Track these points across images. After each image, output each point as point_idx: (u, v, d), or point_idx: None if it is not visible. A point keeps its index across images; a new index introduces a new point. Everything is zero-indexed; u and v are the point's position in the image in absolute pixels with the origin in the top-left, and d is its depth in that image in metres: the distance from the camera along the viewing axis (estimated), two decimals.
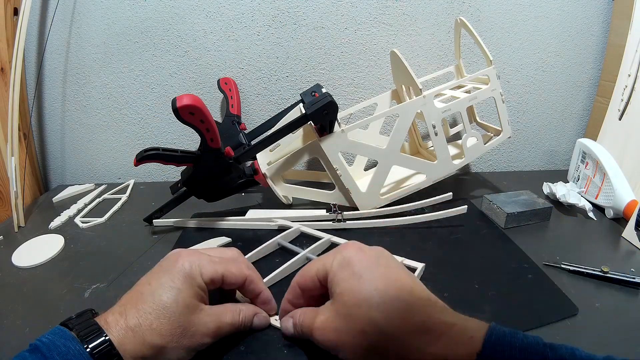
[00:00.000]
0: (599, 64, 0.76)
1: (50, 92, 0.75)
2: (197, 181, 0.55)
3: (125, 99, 0.75)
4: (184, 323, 0.30)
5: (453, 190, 0.58)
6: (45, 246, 0.54)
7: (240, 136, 0.64)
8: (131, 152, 0.79)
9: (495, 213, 0.58)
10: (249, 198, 0.69)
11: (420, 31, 0.72)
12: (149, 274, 0.33)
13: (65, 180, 0.81)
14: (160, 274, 0.31)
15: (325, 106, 0.51)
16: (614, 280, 0.44)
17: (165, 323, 0.29)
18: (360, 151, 0.60)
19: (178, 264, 0.32)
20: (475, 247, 0.52)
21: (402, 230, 0.56)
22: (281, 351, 0.36)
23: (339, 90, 0.75)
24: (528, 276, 0.46)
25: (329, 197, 0.60)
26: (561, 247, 0.52)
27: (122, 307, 0.30)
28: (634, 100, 0.62)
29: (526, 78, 0.77)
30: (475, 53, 0.73)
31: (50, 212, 0.66)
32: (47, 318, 0.41)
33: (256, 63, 0.72)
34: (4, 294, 0.46)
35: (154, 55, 0.72)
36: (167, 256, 0.34)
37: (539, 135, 0.82)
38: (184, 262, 0.32)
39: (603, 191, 0.61)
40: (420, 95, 0.55)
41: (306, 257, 0.48)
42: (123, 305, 0.30)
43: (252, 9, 0.69)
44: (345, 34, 0.71)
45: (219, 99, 0.75)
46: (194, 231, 0.58)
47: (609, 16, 0.73)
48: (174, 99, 0.44)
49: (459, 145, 0.68)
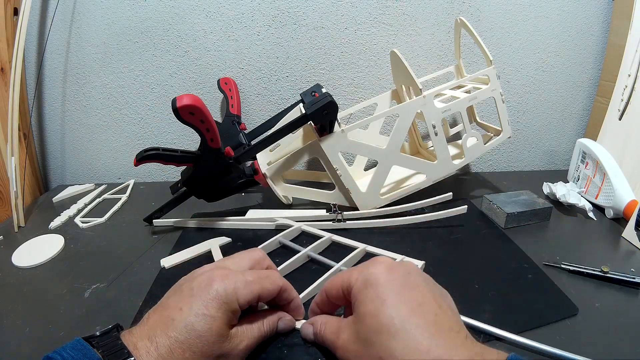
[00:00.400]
0: (599, 64, 0.76)
1: (50, 92, 0.75)
2: (197, 181, 0.54)
3: (125, 99, 0.75)
4: (217, 351, 0.29)
5: (453, 190, 0.58)
6: (45, 246, 0.54)
7: (240, 136, 0.64)
8: (131, 152, 0.79)
9: (495, 213, 0.58)
10: (249, 198, 0.69)
11: (420, 31, 0.72)
12: (179, 296, 0.31)
13: (65, 180, 0.81)
14: (193, 300, 0.30)
15: (325, 106, 0.51)
16: (614, 280, 0.44)
17: (198, 353, 0.28)
18: (360, 151, 0.60)
19: (212, 290, 0.30)
20: (476, 247, 0.52)
21: (402, 230, 0.56)
22: (281, 351, 0.36)
23: (339, 90, 0.75)
24: (528, 276, 0.46)
25: (329, 197, 0.60)
26: (561, 247, 0.52)
27: (151, 331, 0.28)
28: (634, 100, 0.62)
29: (526, 78, 0.77)
30: (475, 53, 0.73)
31: (50, 212, 0.66)
32: (47, 318, 0.41)
33: (256, 63, 0.72)
34: (4, 294, 0.46)
35: (154, 55, 0.72)
36: (197, 276, 0.32)
37: (539, 135, 0.82)
38: (218, 288, 0.30)
39: (603, 191, 0.61)
40: (420, 95, 0.55)
41: (307, 255, 0.48)
42: (152, 329, 0.28)
43: (252, 9, 0.69)
44: (345, 34, 0.71)
45: (219, 99, 0.75)
46: (194, 231, 0.58)
47: (609, 16, 0.73)
48: (174, 99, 0.44)
49: (459, 145, 0.68)
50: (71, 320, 0.41)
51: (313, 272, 0.46)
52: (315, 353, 0.35)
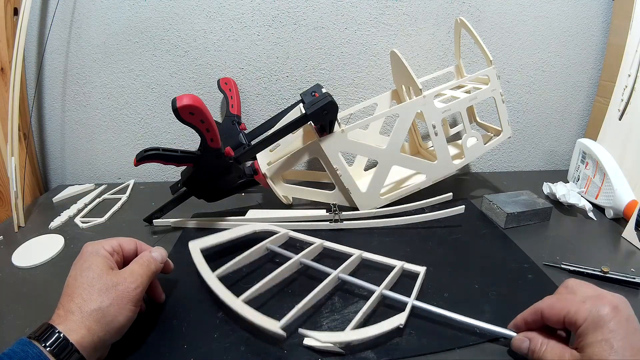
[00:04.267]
0: (599, 64, 0.77)
1: (50, 92, 0.75)
2: (197, 181, 0.54)
3: (125, 99, 0.75)
4: (107, 282, 0.34)
5: (453, 191, 0.58)
6: (45, 246, 0.55)
7: (240, 136, 0.64)
8: (131, 152, 0.79)
9: (495, 213, 0.58)
10: (249, 198, 0.69)
11: (420, 31, 0.72)
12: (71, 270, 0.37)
13: (65, 180, 0.81)
14: (76, 264, 0.37)
15: (325, 106, 0.51)
16: (614, 280, 0.44)
17: (94, 291, 0.33)
18: (360, 151, 0.60)
19: (84, 252, 0.38)
20: (475, 247, 0.52)
21: (401, 230, 0.56)
22: (281, 351, 0.36)
23: (339, 90, 0.75)
24: (528, 276, 0.46)
25: (329, 197, 0.60)
26: (561, 247, 0.52)
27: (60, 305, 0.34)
28: (634, 100, 0.62)
29: (526, 78, 0.77)
30: (475, 53, 0.73)
31: (50, 212, 0.66)
32: (47, 318, 0.41)
33: (256, 63, 0.72)
34: (4, 294, 0.46)
35: (154, 55, 0.72)
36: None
37: (539, 135, 0.82)
38: (86, 248, 0.38)
39: (603, 191, 0.61)
40: (420, 95, 0.55)
41: (299, 262, 0.46)
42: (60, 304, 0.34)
43: (252, 9, 0.69)
44: (345, 34, 0.71)
45: (219, 99, 0.75)
46: (193, 231, 0.58)
47: (609, 16, 0.73)
48: (174, 99, 0.44)
49: (459, 145, 0.68)
50: None
51: (311, 282, 0.44)
52: (315, 353, 0.35)
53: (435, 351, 0.36)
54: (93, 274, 0.35)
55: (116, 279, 0.35)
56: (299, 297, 0.38)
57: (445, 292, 0.43)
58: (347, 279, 0.43)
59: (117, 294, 0.34)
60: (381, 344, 0.36)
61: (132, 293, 0.35)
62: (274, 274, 0.42)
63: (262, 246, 0.48)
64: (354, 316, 0.37)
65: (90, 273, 0.35)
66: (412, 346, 0.36)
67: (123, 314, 0.34)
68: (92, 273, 0.35)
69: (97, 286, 0.34)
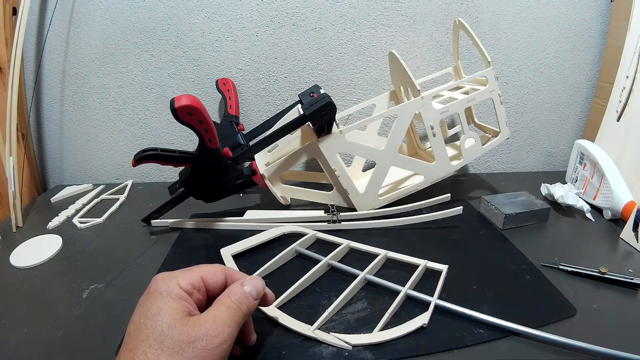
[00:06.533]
0: (597, 66, 0.77)
1: (48, 92, 0.74)
2: (195, 182, 0.54)
3: (123, 99, 0.75)
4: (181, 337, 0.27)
5: (451, 191, 0.58)
6: (44, 246, 0.54)
7: (239, 137, 0.64)
8: (129, 152, 0.79)
9: (493, 214, 0.58)
10: (247, 199, 0.69)
11: (419, 32, 0.72)
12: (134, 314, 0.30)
13: (63, 180, 0.81)
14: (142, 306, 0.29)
15: (323, 107, 0.51)
16: (612, 281, 0.44)
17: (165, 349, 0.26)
18: (358, 152, 0.60)
19: (151, 290, 0.30)
20: (474, 248, 0.52)
21: (399, 231, 0.56)
22: (279, 352, 0.36)
23: (337, 91, 0.75)
24: (526, 277, 0.46)
25: (327, 198, 0.60)
26: (559, 248, 0.53)
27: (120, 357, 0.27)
28: (632, 102, 0.62)
29: (524, 79, 0.77)
30: (473, 54, 0.73)
31: (49, 212, 0.66)
32: (46, 318, 0.41)
33: (254, 64, 0.72)
34: (2, 294, 0.45)
35: (153, 55, 0.72)
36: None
37: (537, 136, 0.82)
38: (156, 283, 0.30)
39: (601, 192, 0.61)
40: (419, 96, 0.55)
41: (328, 264, 0.47)
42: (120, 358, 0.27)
43: (251, 10, 0.69)
44: (344, 35, 0.71)
45: (217, 99, 0.75)
46: (192, 232, 0.58)
47: (607, 18, 0.73)
48: (172, 99, 0.44)
49: (457, 146, 0.68)
50: (69, 321, 0.40)
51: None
52: (315, 354, 0.35)
53: (434, 351, 0.36)
54: (163, 325, 0.27)
55: (194, 332, 0.27)
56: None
57: (444, 293, 0.43)
58: (374, 280, 0.44)
59: (196, 353, 0.26)
60: (380, 344, 0.36)
61: (216, 351, 0.27)
62: (305, 278, 0.44)
63: (291, 249, 0.50)
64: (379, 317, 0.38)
65: (159, 322, 0.27)
66: (411, 346, 0.36)
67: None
68: (161, 323, 0.27)
69: (167, 342, 0.26)
